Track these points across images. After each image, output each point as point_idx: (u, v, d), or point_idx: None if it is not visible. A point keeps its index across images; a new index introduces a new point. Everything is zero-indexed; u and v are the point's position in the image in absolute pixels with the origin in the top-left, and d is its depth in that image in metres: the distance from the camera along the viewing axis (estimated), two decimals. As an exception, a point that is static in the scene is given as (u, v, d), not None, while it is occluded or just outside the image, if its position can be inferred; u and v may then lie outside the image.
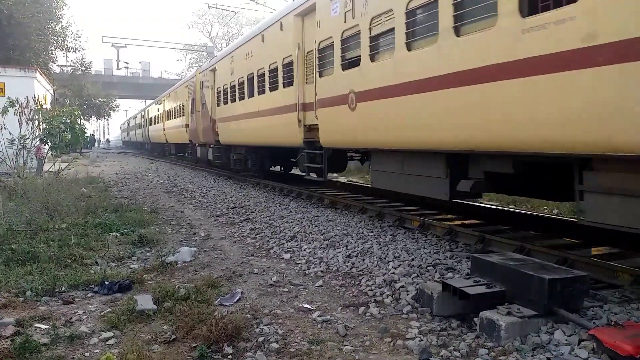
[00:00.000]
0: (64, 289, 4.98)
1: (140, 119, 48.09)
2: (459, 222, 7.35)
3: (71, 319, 4.22)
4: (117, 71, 61.98)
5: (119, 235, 7.52)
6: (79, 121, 16.15)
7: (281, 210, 9.58)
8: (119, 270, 5.71)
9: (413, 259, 5.67)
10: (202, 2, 39.77)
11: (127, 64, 62.95)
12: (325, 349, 3.55)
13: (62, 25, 35.32)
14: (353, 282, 5.16)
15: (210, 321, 3.78)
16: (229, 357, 3.47)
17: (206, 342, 3.57)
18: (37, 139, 13.28)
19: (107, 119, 58.98)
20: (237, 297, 4.67)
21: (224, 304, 4.52)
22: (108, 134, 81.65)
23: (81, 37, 37.30)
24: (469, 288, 3.94)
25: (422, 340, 3.64)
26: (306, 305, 4.47)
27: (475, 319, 3.81)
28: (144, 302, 4.39)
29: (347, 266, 5.64)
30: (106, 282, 5.05)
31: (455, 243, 6.52)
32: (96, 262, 5.98)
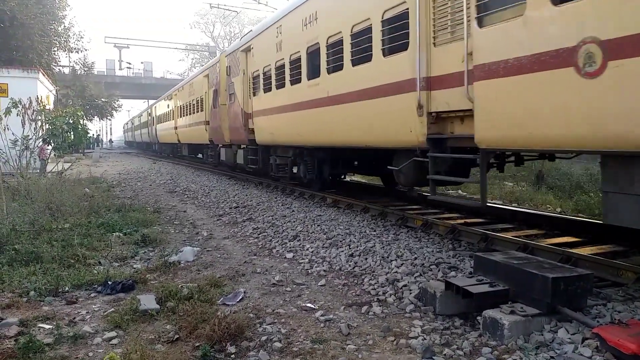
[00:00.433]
0: (67, 289, 5.00)
1: (146, 117, 44.66)
2: (461, 221, 7.34)
3: (74, 318, 4.23)
4: (119, 71, 62.20)
5: (122, 235, 7.54)
6: (81, 122, 16.18)
7: (284, 210, 9.59)
8: (122, 270, 5.72)
9: (416, 258, 5.67)
10: (204, 2, 39.89)
11: (130, 64, 63.18)
12: (328, 348, 3.56)
13: (64, 26, 35.43)
14: (356, 281, 5.16)
15: (213, 321, 3.79)
16: (232, 356, 3.47)
17: (209, 342, 3.58)
18: (40, 140, 13.32)
19: (110, 120, 59.02)
20: (240, 297, 4.68)
21: (226, 303, 4.53)
22: (111, 134, 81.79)
23: (84, 38, 37.63)
24: (472, 287, 3.94)
25: (425, 339, 3.64)
26: (309, 305, 4.47)
27: (479, 317, 3.81)
28: (147, 301, 4.40)
29: (349, 265, 5.64)
30: (109, 282, 5.06)
31: (458, 242, 6.51)
32: (99, 262, 6.00)
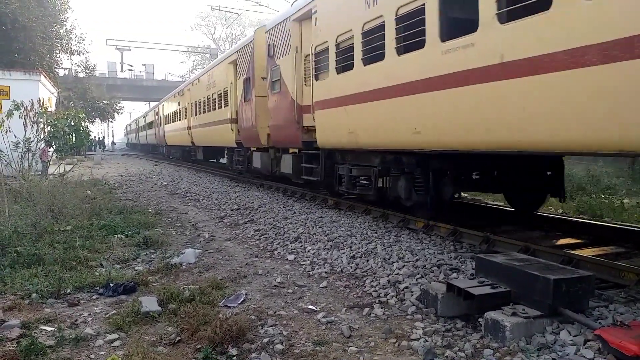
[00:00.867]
0: (69, 291, 5.00)
1: (152, 116, 40.78)
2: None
3: (76, 321, 4.23)
4: (121, 74, 62.45)
5: (123, 237, 7.55)
6: (83, 124, 16.21)
7: (285, 212, 9.59)
8: (123, 272, 5.72)
9: (417, 260, 5.67)
10: (206, 4, 40.01)
11: (131, 66, 63.39)
12: (330, 350, 3.55)
13: (66, 29, 35.64)
14: (357, 283, 5.15)
15: (215, 323, 3.79)
16: (234, 358, 3.47)
17: (211, 344, 3.58)
18: (42, 142, 13.35)
19: (111, 122, 59.11)
20: (242, 299, 4.68)
21: (228, 305, 4.53)
22: (112, 136, 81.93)
23: (85, 40, 37.76)
24: (473, 288, 3.94)
25: (426, 341, 3.63)
26: (310, 307, 4.47)
27: (480, 319, 3.80)
28: (149, 303, 4.40)
29: (351, 267, 5.64)
30: (111, 284, 5.07)
31: (459, 243, 6.51)
32: (101, 264, 6.00)
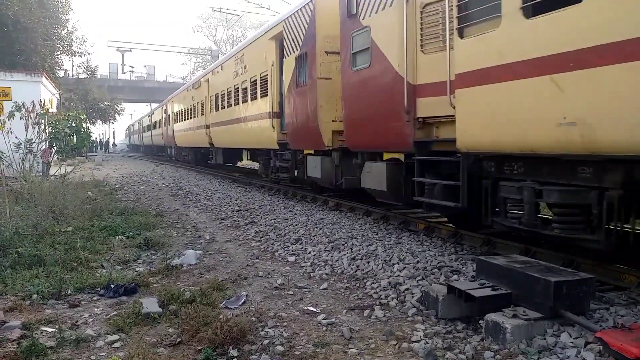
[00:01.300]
0: (70, 292, 5.01)
1: (160, 114, 36.64)
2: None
3: (77, 322, 4.24)
4: (122, 75, 62.50)
5: (124, 238, 7.56)
6: (84, 125, 16.21)
7: (286, 213, 9.59)
8: (124, 273, 5.73)
9: (418, 262, 5.66)
10: (207, 6, 40.02)
11: (132, 67, 63.48)
12: (331, 352, 3.55)
13: (67, 30, 35.67)
14: (358, 284, 5.15)
15: (216, 324, 3.79)
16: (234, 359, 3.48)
17: (211, 345, 3.58)
18: (43, 143, 13.36)
19: (113, 123, 59.18)
20: (242, 300, 4.68)
21: (229, 306, 4.53)
22: (114, 137, 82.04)
23: (87, 42, 37.80)
24: (474, 290, 3.94)
25: (427, 343, 3.63)
26: (311, 308, 4.47)
27: (481, 321, 3.80)
28: (150, 305, 4.41)
29: (352, 269, 5.64)
30: (112, 285, 5.07)
31: (460, 245, 6.51)
32: (102, 266, 6.01)
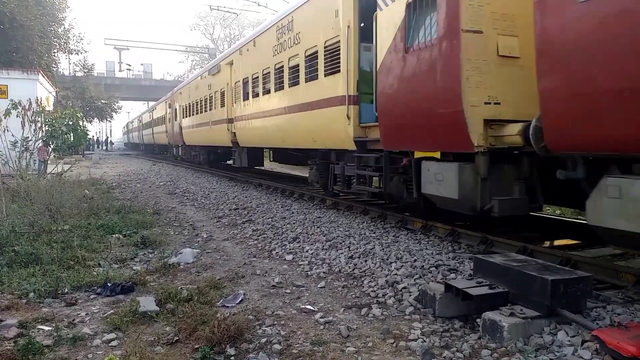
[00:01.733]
0: (66, 290, 4.99)
1: (163, 110, 32.39)
2: (461, 223, 7.33)
3: (74, 320, 4.23)
4: (119, 73, 62.18)
5: (121, 236, 7.54)
6: (81, 123, 16.18)
7: (283, 212, 9.59)
8: (121, 271, 5.71)
9: (415, 260, 5.67)
10: (204, 4, 39.87)
11: (129, 66, 63.13)
12: (328, 350, 3.55)
13: (64, 28, 35.56)
14: (355, 283, 5.16)
15: (213, 322, 3.79)
16: (232, 358, 3.47)
17: (209, 344, 3.58)
18: (39, 141, 13.32)
19: (110, 121, 58.94)
20: (240, 299, 4.67)
21: (226, 305, 4.53)
22: (110, 135, 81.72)
23: (83, 40, 37.66)
24: (471, 289, 3.94)
25: (424, 341, 3.64)
26: (308, 307, 4.46)
27: (478, 320, 3.81)
28: (147, 303, 4.40)
29: (349, 267, 5.64)
30: (109, 284, 5.06)
31: (457, 244, 6.52)
32: (99, 264, 5.99)
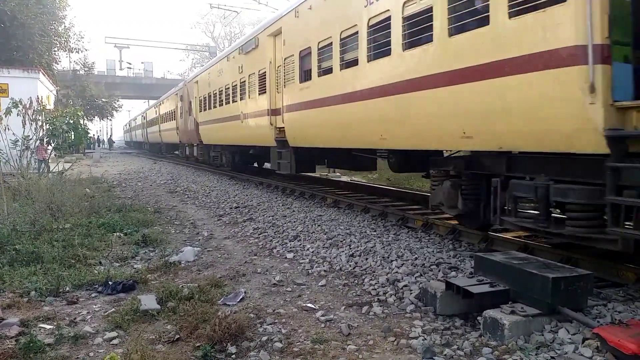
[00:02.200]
0: (68, 289, 5.00)
1: (172, 104, 28.50)
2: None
3: (75, 319, 4.23)
4: (119, 72, 62.13)
5: (122, 235, 7.54)
6: (81, 122, 16.16)
7: (284, 210, 9.59)
8: (122, 270, 5.72)
9: (416, 258, 5.67)
10: (205, 2, 39.85)
11: (130, 64, 63.11)
12: (329, 348, 3.56)
13: (65, 26, 35.42)
14: (356, 281, 5.16)
15: (214, 321, 3.79)
16: (233, 356, 3.47)
17: (210, 342, 3.58)
18: (39, 140, 13.31)
19: (110, 120, 58.96)
20: (241, 297, 4.68)
21: (227, 303, 4.53)
22: (111, 134, 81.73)
23: (84, 38, 37.56)
24: (472, 287, 3.94)
25: (425, 339, 3.64)
26: (309, 305, 4.47)
27: (479, 318, 3.81)
28: (148, 302, 4.40)
29: (350, 265, 5.64)
30: (110, 282, 5.06)
31: (458, 242, 6.52)
32: (100, 262, 6.00)
